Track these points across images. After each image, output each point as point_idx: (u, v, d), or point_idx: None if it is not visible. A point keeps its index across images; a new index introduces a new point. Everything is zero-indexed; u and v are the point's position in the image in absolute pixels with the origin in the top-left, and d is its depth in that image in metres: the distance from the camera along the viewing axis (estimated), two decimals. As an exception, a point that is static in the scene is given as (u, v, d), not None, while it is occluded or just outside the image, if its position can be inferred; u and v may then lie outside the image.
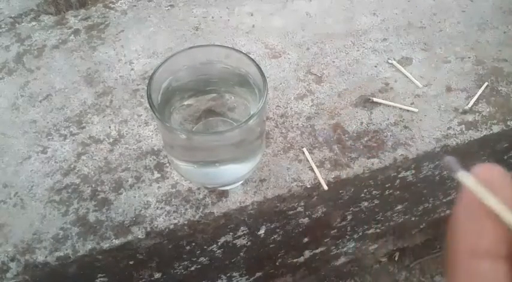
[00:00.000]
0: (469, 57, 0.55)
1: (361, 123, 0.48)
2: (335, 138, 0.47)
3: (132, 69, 0.52)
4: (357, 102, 0.50)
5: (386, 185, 0.50)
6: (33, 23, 0.57)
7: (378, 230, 0.63)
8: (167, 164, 0.44)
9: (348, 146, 0.46)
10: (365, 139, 0.47)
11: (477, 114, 0.50)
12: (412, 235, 0.74)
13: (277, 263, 0.59)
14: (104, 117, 0.47)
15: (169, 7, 0.59)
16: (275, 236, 0.51)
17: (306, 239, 0.56)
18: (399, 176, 0.49)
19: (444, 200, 0.63)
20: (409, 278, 0.78)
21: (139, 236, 0.40)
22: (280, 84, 0.51)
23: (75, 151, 0.45)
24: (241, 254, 0.51)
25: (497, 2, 0.62)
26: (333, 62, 0.54)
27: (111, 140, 0.46)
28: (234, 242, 0.48)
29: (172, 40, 0.55)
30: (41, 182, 0.43)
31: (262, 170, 0.44)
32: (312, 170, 0.44)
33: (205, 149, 0.37)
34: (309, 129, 0.47)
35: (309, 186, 0.43)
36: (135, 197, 0.42)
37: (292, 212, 0.47)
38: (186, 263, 0.48)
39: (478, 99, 0.51)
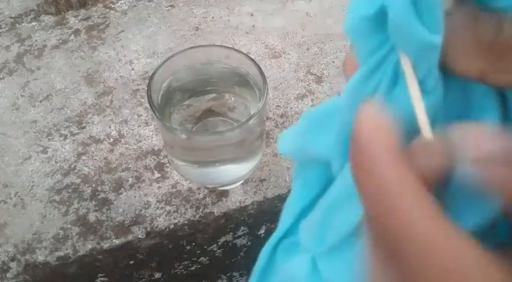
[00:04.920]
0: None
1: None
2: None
3: (132, 69, 0.52)
4: (357, 102, 0.50)
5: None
6: (34, 23, 0.57)
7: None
8: (167, 164, 0.44)
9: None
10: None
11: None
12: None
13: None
14: (104, 117, 0.47)
15: (169, 7, 0.59)
16: (275, 236, 0.51)
17: (306, 239, 0.56)
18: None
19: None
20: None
21: (139, 236, 0.40)
22: (280, 84, 0.51)
23: (75, 151, 0.45)
24: (242, 254, 0.51)
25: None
26: (333, 62, 0.54)
27: (111, 140, 0.46)
28: (234, 241, 0.48)
29: (172, 40, 0.55)
30: (41, 182, 0.43)
31: (262, 170, 0.44)
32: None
33: (205, 149, 0.37)
34: (309, 129, 0.47)
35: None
36: (135, 196, 0.42)
37: (292, 212, 0.47)
38: (186, 262, 0.48)
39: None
